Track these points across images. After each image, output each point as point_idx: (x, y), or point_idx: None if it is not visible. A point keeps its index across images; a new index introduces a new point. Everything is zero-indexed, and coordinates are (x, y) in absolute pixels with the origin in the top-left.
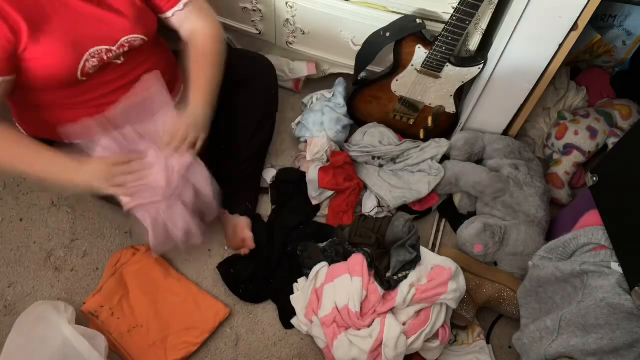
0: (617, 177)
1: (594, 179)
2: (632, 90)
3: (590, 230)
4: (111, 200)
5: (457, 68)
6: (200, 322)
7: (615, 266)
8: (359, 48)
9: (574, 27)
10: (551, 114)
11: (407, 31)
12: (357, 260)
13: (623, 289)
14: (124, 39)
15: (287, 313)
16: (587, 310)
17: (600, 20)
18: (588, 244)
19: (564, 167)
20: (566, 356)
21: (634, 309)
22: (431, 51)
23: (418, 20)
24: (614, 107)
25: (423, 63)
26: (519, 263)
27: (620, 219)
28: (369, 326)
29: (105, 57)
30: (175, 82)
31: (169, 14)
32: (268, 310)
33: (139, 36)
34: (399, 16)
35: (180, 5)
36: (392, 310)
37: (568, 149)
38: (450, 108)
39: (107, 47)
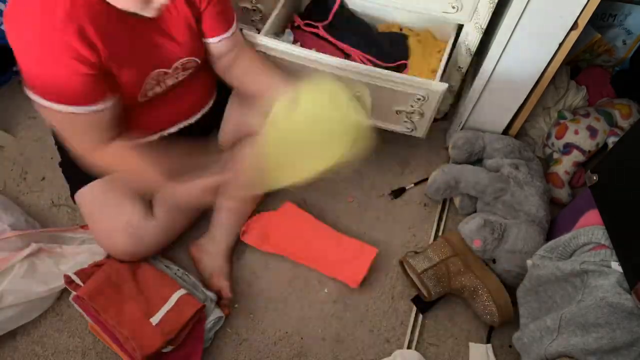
0: (617, 177)
1: (594, 178)
2: (632, 89)
3: (591, 229)
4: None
5: None
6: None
7: (616, 265)
8: None
9: (574, 26)
10: (551, 113)
11: None
12: None
13: (623, 288)
14: (179, 62)
15: None
16: (587, 310)
17: (600, 19)
18: (588, 243)
19: (564, 166)
20: (566, 355)
21: (634, 308)
22: None
23: None
24: (614, 107)
25: None
26: (517, 261)
27: (620, 218)
28: None
29: (161, 80)
30: (206, 100)
31: (219, 38)
32: (268, 310)
33: (193, 58)
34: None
35: (229, 32)
36: None
37: (568, 148)
38: None
39: (165, 70)
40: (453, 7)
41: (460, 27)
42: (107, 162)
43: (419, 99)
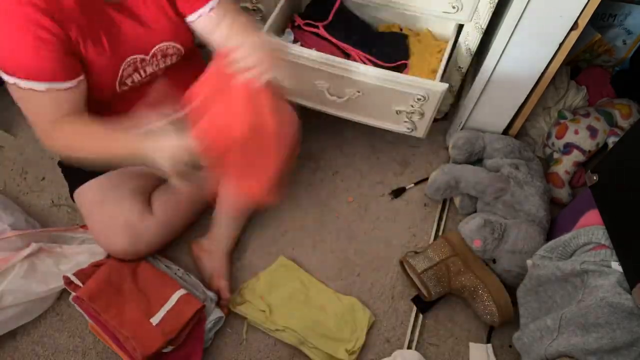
0: (617, 176)
1: (594, 178)
2: (632, 89)
3: (591, 229)
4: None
5: None
6: None
7: (616, 265)
8: (334, 99)
9: (574, 26)
10: (551, 113)
11: None
12: None
13: (623, 288)
14: (156, 47)
15: None
16: (588, 310)
17: (600, 19)
18: (588, 243)
19: (564, 166)
20: (566, 355)
21: (634, 308)
22: None
23: None
24: (614, 106)
25: None
26: (518, 261)
27: (620, 218)
28: None
29: (139, 67)
30: None
31: (194, 16)
32: None
33: (172, 44)
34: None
35: (206, 8)
36: None
37: (568, 148)
38: None
39: (142, 56)
40: (453, 7)
41: (460, 27)
42: (66, 139)
43: (419, 99)
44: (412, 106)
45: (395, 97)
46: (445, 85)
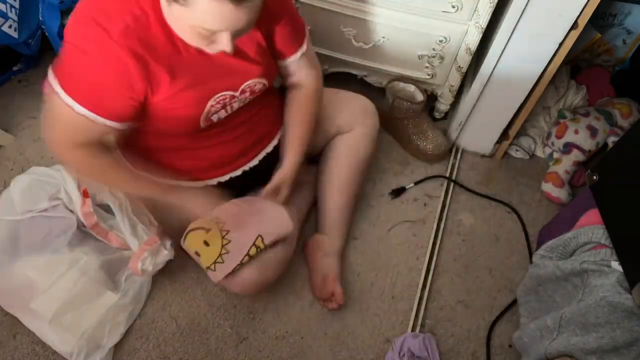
0: (617, 176)
1: (594, 177)
2: (632, 88)
3: (591, 229)
4: None
5: None
6: None
7: (616, 265)
8: (360, 45)
9: (574, 26)
10: (551, 112)
11: None
12: None
13: (623, 287)
14: (246, 83)
15: None
16: (588, 309)
17: (600, 19)
18: (588, 243)
19: (564, 165)
20: (566, 355)
21: (634, 307)
22: None
23: None
24: (614, 106)
25: None
26: None
27: (620, 218)
28: None
29: (228, 103)
30: (279, 124)
31: (288, 60)
32: (269, 310)
33: (261, 80)
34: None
35: (298, 54)
36: None
37: (568, 147)
38: None
39: (231, 92)
40: (453, 7)
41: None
42: (79, 164)
43: (440, 41)
44: (433, 49)
45: (419, 40)
46: (466, 27)
